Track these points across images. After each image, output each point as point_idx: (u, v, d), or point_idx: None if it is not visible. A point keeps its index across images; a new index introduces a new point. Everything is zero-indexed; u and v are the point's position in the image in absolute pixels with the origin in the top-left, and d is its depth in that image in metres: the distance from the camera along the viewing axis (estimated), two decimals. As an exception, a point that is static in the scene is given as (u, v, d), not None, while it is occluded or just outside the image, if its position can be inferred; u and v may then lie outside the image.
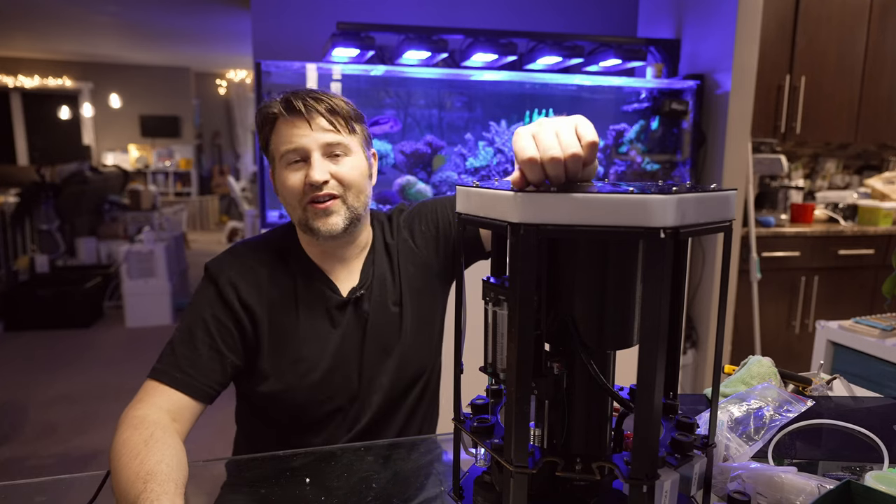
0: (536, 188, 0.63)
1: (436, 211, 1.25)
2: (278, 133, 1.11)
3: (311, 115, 1.09)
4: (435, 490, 0.92)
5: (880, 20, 3.25)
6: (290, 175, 1.10)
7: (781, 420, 0.95)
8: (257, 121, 1.15)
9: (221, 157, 10.43)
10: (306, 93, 1.11)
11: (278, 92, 1.14)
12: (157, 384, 1.02)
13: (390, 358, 1.17)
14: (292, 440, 1.15)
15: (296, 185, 1.09)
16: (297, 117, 1.09)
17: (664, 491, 0.63)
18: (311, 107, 1.09)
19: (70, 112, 9.27)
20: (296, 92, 1.12)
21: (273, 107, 1.11)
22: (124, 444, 0.90)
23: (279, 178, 1.12)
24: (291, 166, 1.10)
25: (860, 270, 3.25)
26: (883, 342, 1.62)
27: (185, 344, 1.06)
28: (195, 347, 1.05)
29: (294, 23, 3.24)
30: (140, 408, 0.98)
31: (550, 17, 3.53)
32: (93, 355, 4.19)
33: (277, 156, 1.11)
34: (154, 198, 6.50)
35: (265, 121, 1.13)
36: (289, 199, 1.11)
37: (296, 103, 1.08)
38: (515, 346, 0.61)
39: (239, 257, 1.14)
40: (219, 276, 1.11)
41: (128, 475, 0.84)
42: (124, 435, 0.92)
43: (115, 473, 0.87)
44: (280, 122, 1.10)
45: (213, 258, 1.15)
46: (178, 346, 1.06)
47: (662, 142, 3.16)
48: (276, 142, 1.11)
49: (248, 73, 9.73)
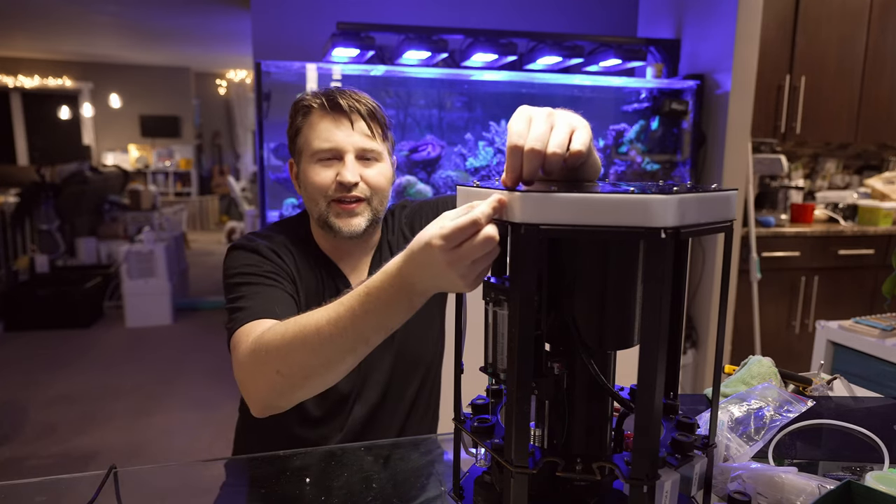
0: (534, 188, 0.63)
1: (437, 208, 1.27)
2: (314, 126, 1.11)
3: (354, 116, 1.10)
4: (435, 490, 0.92)
5: (880, 20, 3.25)
6: (320, 170, 1.10)
7: (782, 420, 0.95)
8: (291, 110, 1.15)
9: (221, 157, 10.42)
10: (350, 92, 1.12)
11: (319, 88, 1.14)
12: (259, 322, 0.93)
13: (387, 351, 1.18)
14: (293, 429, 1.15)
15: (325, 181, 1.09)
16: (339, 115, 1.09)
17: (664, 491, 0.63)
18: (355, 108, 1.10)
19: (70, 112, 9.27)
20: (338, 89, 1.13)
21: (313, 99, 1.11)
22: (287, 324, 0.82)
23: (306, 171, 1.12)
24: (323, 162, 1.10)
25: (860, 270, 3.25)
26: (883, 342, 1.62)
27: (254, 294, 0.99)
28: (268, 290, 1.01)
29: (294, 23, 3.24)
30: (263, 325, 0.90)
31: (550, 17, 3.53)
32: (93, 355, 4.18)
33: (308, 149, 1.11)
34: (154, 198, 6.50)
35: (300, 111, 1.13)
36: (313, 194, 1.11)
37: (341, 101, 1.09)
38: (516, 346, 0.61)
39: (264, 238, 1.14)
40: (257, 244, 1.10)
41: (320, 312, 0.78)
42: (276, 328, 0.84)
43: (298, 327, 0.79)
44: (317, 115, 1.10)
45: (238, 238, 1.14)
46: (248, 298, 0.98)
47: (662, 142, 3.16)
48: (309, 134, 1.11)
49: (248, 73, 9.73)
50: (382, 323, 0.74)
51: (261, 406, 0.87)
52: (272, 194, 2.88)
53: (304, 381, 0.82)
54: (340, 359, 0.78)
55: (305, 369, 0.81)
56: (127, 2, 5.28)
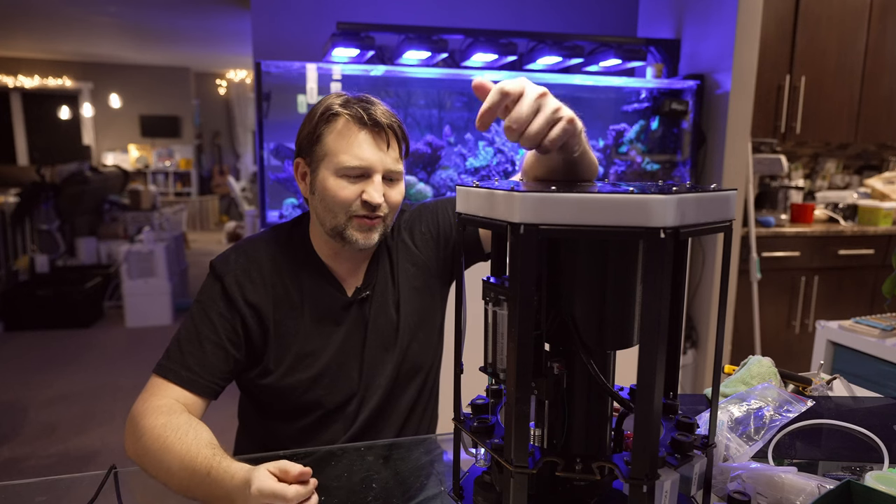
0: (534, 188, 0.63)
1: (436, 213, 1.26)
2: (345, 138, 1.05)
3: (390, 135, 1.07)
4: (435, 490, 0.92)
5: (880, 20, 3.25)
6: (346, 185, 1.06)
7: (781, 420, 0.95)
8: (312, 111, 1.10)
9: (221, 157, 10.42)
10: (380, 105, 1.09)
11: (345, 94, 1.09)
12: (164, 381, 1.03)
13: (390, 357, 1.17)
14: (293, 435, 1.15)
15: (350, 197, 1.06)
16: (377, 133, 1.06)
17: (664, 491, 0.63)
18: (392, 126, 1.07)
19: (70, 112, 9.26)
20: (368, 100, 1.08)
21: (345, 109, 1.06)
22: (164, 427, 0.93)
23: (326, 182, 1.07)
24: (349, 178, 1.06)
25: (860, 270, 3.25)
26: (883, 342, 1.62)
27: (190, 342, 1.06)
28: (201, 345, 1.06)
29: (294, 23, 3.24)
30: (154, 399, 1.00)
31: (550, 17, 3.53)
32: (93, 355, 4.18)
33: (333, 160, 1.06)
34: (154, 198, 6.50)
35: (325, 117, 1.07)
36: (332, 207, 1.07)
37: (380, 117, 1.05)
38: (515, 346, 0.61)
39: (244, 255, 1.14)
40: (224, 274, 1.11)
41: (186, 448, 0.89)
42: (159, 420, 0.94)
43: (164, 453, 0.90)
44: (349, 126, 1.05)
45: (219, 255, 1.15)
46: (184, 344, 1.06)
47: (662, 142, 3.16)
48: (336, 145, 1.06)
49: (248, 73, 9.73)
50: (207, 499, 0.86)
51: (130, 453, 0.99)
52: (272, 194, 2.88)
53: (158, 480, 0.93)
54: (185, 494, 0.89)
55: (159, 478, 0.92)
56: (127, 2, 5.28)
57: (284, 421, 1.16)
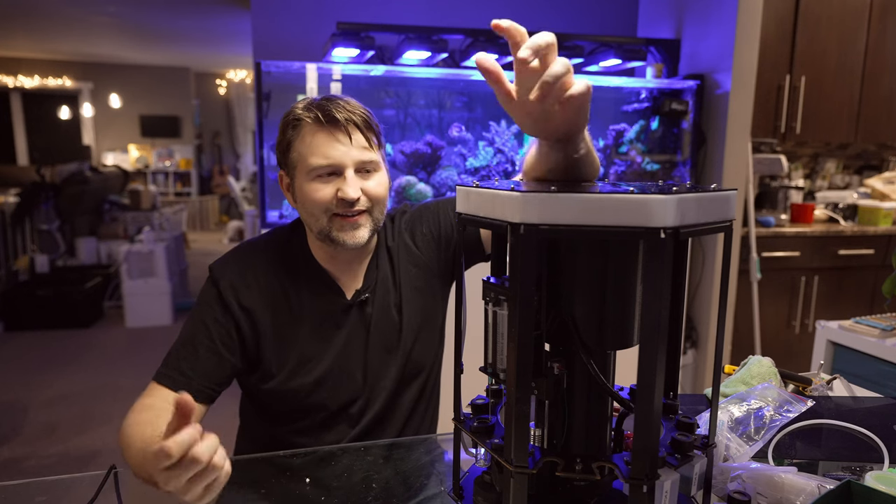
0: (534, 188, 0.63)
1: (437, 213, 1.26)
2: (309, 141, 1.07)
3: (351, 127, 1.06)
4: (435, 490, 0.92)
5: (880, 20, 3.25)
6: (319, 187, 1.07)
7: (781, 420, 0.95)
8: (282, 122, 1.11)
9: (221, 157, 10.42)
10: (343, 102, 1.08)
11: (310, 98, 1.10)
12: (158, 386, 1.04)
13: (393, 358, 1.17)
14: (295, 438, 1.15)
15: (325, 198, 1.06)
16: (335, 128, 1.06)
17: (664, 491, 0.63)
18: (351, 119, 1.06)
19: (70, 112, 9.26)
20: (329, 99, 1.08)
21: (306, 113, 1.07)
22: (137, 423, 0.94)
23: (303, 187, 1.08)
24: (321, 178, 1.07)
25: (860, 270, 3.25)
26: (883, 342, 1.62)
27: (186, 347, 1.07)
28: (195, 350, 1.07)
29: (294, 23, 3.24)
30: (143, 400, 1.02)
31: (550, 17, 3.53)
32: (93, 355, 4.18)
33: (303, 165, 1.07)
34: (154, 198, 6.50)
35: (290, 124, 1.09)
36: (312, 210, 1.08)
37: (336, 113, 1.05)
38: (515, 346, 0.61)
39: (241, 259, 1.14)
40: (220, 279, 1.11)
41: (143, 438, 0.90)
42: (139, 417, 0.97)
43: (130, 446, 0.91)
44: (311, 129, 1.07)
45: (217, 260, 1.15)
46: (180, 349, 1.07)
47: (662, 142, 3.16)
48: (303, 150, 1.07)
49: (248, 73, 9.73)
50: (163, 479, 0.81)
51: None
52: (272, 194, 2.88)
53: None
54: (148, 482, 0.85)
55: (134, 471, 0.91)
56: (127, 2, 5.28)
57: (287, 422, 1.16)
